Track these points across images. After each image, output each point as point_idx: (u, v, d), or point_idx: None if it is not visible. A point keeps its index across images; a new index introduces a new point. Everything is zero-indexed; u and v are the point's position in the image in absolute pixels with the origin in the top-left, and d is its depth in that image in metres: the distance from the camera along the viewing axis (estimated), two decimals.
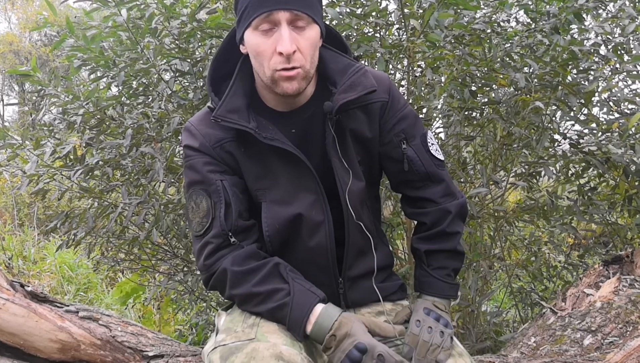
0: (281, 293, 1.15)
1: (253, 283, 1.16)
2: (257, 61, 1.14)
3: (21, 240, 5.50)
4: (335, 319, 1.12)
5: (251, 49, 1.13)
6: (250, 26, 1.11)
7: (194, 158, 1.22)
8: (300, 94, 1.17)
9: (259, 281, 1.16)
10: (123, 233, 2.52)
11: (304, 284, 1.17)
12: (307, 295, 1.15)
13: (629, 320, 1.79)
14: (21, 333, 1.41)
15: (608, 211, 2.40)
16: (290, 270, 1.19)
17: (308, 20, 1.11)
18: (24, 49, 13.43)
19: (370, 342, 1.08)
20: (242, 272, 1.17)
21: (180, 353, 1.49)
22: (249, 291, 1.17)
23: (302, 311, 1.13)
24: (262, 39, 1.10)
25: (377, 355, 1.06)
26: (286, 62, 1.09)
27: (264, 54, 1.11)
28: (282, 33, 1.08)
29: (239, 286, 1.18)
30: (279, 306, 1.14)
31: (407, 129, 1.28)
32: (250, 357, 1.06)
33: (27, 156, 2.28)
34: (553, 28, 2.03)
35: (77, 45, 2.15)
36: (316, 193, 1.22)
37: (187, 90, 2.37)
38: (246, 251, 1.20)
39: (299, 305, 1.13)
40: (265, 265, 1.18)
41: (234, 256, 1.19)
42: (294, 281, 1.17)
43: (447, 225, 1.29)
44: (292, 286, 1.15)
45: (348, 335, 1.09)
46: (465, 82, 2.10)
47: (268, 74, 1.12)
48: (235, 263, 1.18)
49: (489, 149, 2.42)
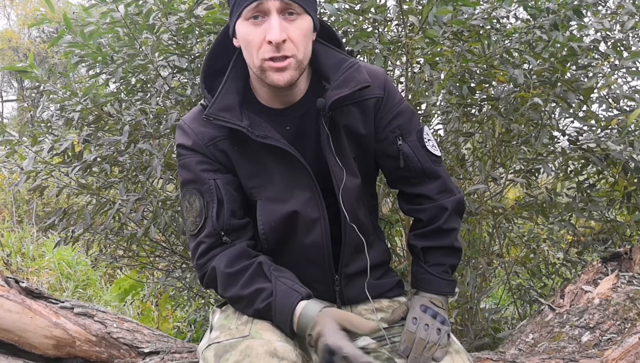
0: (265, 293, 1.15)
1: (240, 286, 1.16)
2: (247, 51, 1.13)
3: (20, 236, 5.50)
4: (313, 318, 1.10)
5: (242, 39, 1.13)
6: (240, 16, 1.11)
7: (187, 157, 1.22)
8: (292, 86, 1.16)
9: (245, 283, 1.16)
10: (121, 229, 2.52)
11: (286, 282, 1.16)
12: (289, 295, 1.13)
13: (627, 316, 1.79)
14: (16, 330, 1.40)
15: (607, 208, 2.40)
16: (274, 269, 1.18)
17: (299, 10, 1.10)
18: (23, 46, 13.42)
19: (336, 343, 1.04)
20: (230, 274, 1.17)
21: (176, 349, 1.49)
22: (237, 294, 1.17)
23: (286, 311, 1.12)
24: (251, 28, 1.10)
25: (342, 356, 1.02)
26: (275, 51, 1.08)
27: (253, 43, 1.10)
28: (272, 22, 1.08)
29: (228, 289, 1.18)
30: (265, 307, 1.14)
31: (402, 125, 1.27)
32: (244, 355, 1.05)
33: (25, 152, 2.27)
34: (552, 24, 2.02)
35: (74, 41, 2.15)
36: (311, 190, 1.21)
37: (185, 86, 2.37)
38: (236, 250, 1.20)
39: (282, 305, 1.13)
40: (250, 265, 1.18)
41: (223, 257, 1.19)
42: (277, 280, 1.15)
43: (444, 222, 1.28)
44: (274, 285, 1.15)
45: (320, 334, 1.07)
46: (464, 79, 2.09)
47: (257, 64, 1.11)
48: (225, 264, 1.18)
49: (487, 145, 2.42)
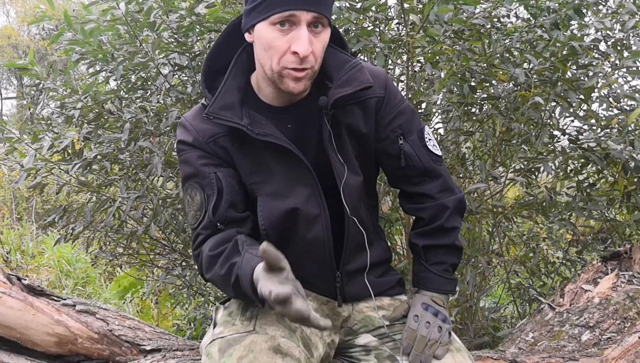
0: (235, 267, 1.10)
1: (218, 265, 1.15)
2: (266, 53, 1.12)
3: (19, 234, 5.49)
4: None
5: (263, 41, 1.11)
6: (267, 19, 1.09)
7: (187, 152, 1.22)
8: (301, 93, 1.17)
9: (222, 262, 1.14)
10: (121, 227, 2.52)
11: (252, 251, 1.10)
12: (251, 261, 1.07)
13: (627, 316, 1.79)
14: (18, 327, 1.40)
15: (607, 207, 2.40)
16: (247, 244, 1.14)
17: (326, 23, 1.11)
18: (23, 43, 13.39)
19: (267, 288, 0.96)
20: (211, 256, 1.16)
21: (178, 347, 1.49)
22: (216, 274, 1.15)
23: (248, 276, 1.05)
24: (278, 34, 1.09)
25: (275, 300, 0.94)
26: (299, 63, 1.09)
27: (277, 49, 1.09)
28: (301, 34, 1.07)
29: (208, 271, 1.17)
30: (235, 280, 1.10)
31: (403, 124, 1.27)
32: (248, 350, 1.06)
33: (25, 150, 2.27)
34: (553, 23, 2.02)
35: (75, 39, 2.14)
36: (312, 187, 1.21)
37: (186, 84, 2.36)
38: (223, 235, 1.18)
39: (245, 272, 1.07)
40: (228, 244, 1.16)
41: (210, 241, 1.18)
42: (246, 252, 1.11)
43: (445, 220, 1.29)
44: (242, 257, 1.10)
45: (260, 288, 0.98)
46: (465, 78, 2.10)
47: (276, 69, 1.11)
48: (210, 247, 1.17)
49: (488, 144, 2.42)
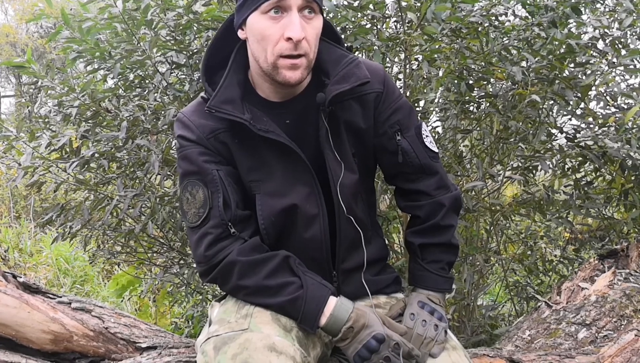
0: (293, 286, 1.15)
1: (263, 276, 1.16)
2: (260, 45, 1.12)
3: (17, 232, 5.48)
4: (351, 311, 1.14)
5: (256, 32, 1.11)
6: (257, 9, 1.09)
7: (188, 148, 1.21)
8: (298, 84, 1.16)
9: (269, 274, 1.16)
10: (119, 225, 2.51)
11: (314, 277, 1.18)
12: (320, 289, 1.16)
13: (623, 313, 1.79)
14: (13, 324, 1.40)
15: (604, 205, 2.40)
16: (299, 264, 1.20)
17: (316, 9, 1.11)
18: (21, 41, 13.36)
19: (387, 332, 1.13)
20: (250, 263, 1.17)
21: (174, 344, 1.49)
22: (260, 283, 1.16)
23: (317, 304, 1.14)
24: (269, 22, 1.09)
25: (393, 344, 1.12)
26: (293, 49, 1.09)
27: (270, 38, 1.09)
28: (293, 19, 1.07)
29: (248, 277, 1.17)
30: (292, 300, 1.15)
31: (401, 120, 1.27)
32: (243, 348, 1.06)
33: (23, 148, 2.27)
34: (550, 22, 2.02)
35: (72, 37, 2.13)
36: (311, 185, 1.21)
37: (183, 82, 2.36)
38: (251, 244, 1.20)
39: (313, 298, 1.14)
40: (274, 257, 1.18)
41: (239, 249, 1.18)
42: (304, 275, 1.18)
43: (441, 218, 1.29)
44: (303, 280, 1.16)
45: (366, 326, 1.13)
46: (462, 76, 2.10)
47: (270, 60, 1.11)
48: (242, 254, 1.17)
49: (485, 142, 2.42)
